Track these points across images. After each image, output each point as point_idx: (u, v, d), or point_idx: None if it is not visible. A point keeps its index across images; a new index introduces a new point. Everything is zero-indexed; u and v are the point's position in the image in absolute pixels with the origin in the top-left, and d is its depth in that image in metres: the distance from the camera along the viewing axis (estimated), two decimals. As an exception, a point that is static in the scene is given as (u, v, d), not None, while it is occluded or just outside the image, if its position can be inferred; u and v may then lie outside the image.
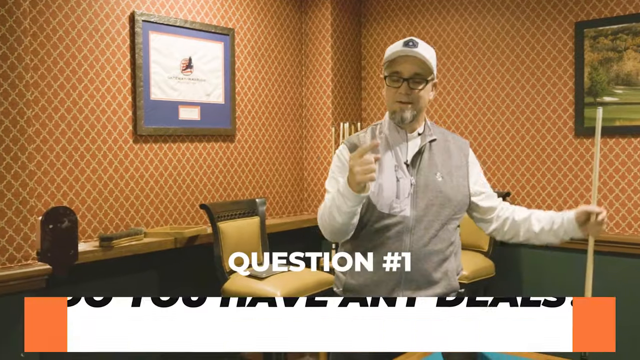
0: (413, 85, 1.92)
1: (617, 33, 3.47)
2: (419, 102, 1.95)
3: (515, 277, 3.85)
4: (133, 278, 3.38)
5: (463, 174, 2.03)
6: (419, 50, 1.91)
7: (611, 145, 3.53)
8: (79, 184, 3.21)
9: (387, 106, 2.01)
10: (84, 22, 3.21)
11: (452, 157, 2.04)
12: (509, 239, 2.06)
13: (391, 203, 1.94)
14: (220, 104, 3.83)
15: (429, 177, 1.97)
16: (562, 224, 1.95)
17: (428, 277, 1.97)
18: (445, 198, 1.97)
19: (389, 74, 1.95)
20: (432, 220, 1.95)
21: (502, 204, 2.08)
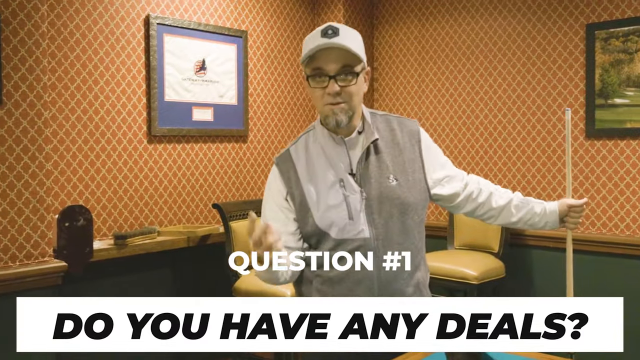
0: (342, 82, 1.63)
1: (628, 35, 3.47)
2: (352, 100, 1.66)
3: (525, 278, 3.86)
4: (146, 276, 3.45)
5: (418, 167, 1.77)
6: (341, 40, 1.61)
7: (622, 147, 3.53)
8: (95, 183, 3.28)
9: (318, 110, 1.72)
10: (100, 25, 3.28)
11: (403, 150, 1.77)
12: (483, 220, 1.91)
13: (344, 227, 1.67)
14: (233, 105, 3.89)
15: (382, 183, 1.71)
16: (544, 216, 1.86)
17: (401, 295, 1.74)
18: (405, 204, 1.71)
19: (311, 73, 1.65)
20: (394, 233, 1.70)
21: (470, 185, 1.86)
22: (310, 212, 1.70)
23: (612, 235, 3.55)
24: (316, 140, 1.76)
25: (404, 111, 4.42)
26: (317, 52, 1.62)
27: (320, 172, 1.72)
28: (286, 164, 1.76)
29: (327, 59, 1.63)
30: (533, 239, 3.81)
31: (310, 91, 1.71)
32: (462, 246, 3.93)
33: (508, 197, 1.88)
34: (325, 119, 1.70)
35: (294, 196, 1.73)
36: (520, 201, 1.89)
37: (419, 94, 4.35)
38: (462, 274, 3.47)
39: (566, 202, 1.87)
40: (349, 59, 1.64)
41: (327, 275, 1.71)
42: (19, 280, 2.63)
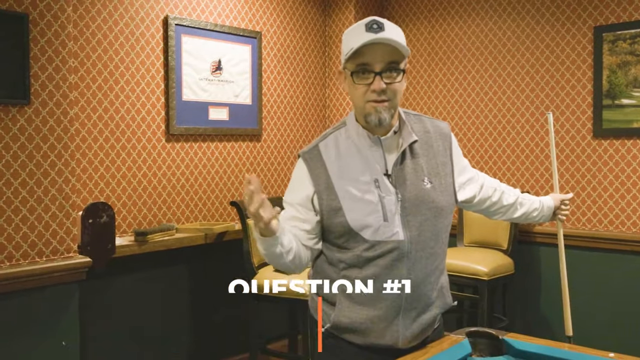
0: (388, 79, 1.59)
1: (636, 37, 3.55)
2: (395, 97, 1.62)
3: (534, 275, 3.94)
4: (166, 271, 3.52)
5: (449, 170, 1.77)
6: (388, 35, 1.56)
7: (629, 146, 3.61)
8: (115, 180, 3.35)
9: (357, 107, 1.66)
10: (121, 26, 3.35)
11: (437, 153, 1.76)
12: (488, 215, 2.00)
13: (379, 228, 1.64)
14: (247, 105, 3.96)
15: (417, 186, 1.68)
16: (542, 210, 2.01)
17: (427, 300, 1.75)
18: (438, 208, 1.71)
19: (355, 69, 1.59)
20: (428, 237, 1.69)
21: (485, 185, 1.92)
22: (342, 211, 1.65)
23: (618, 232, 3.63)
24: (349, 137, 1.71)
25: (416, 108, 4.49)
26: (363, 47, 1.56)
27: (354, 172, 1.67)
28: (315, 161, 1.71)
29: (374, 54, 1.57)
30: (541, 236, 3.89)
31: (350, 87, 1.64)
32: (472, 243, 4.01)
33: (515, 195, 2.00)
34: (366, 117, 1.64)
35: (322, 197, 1.68)
36: (523, 198, 2.02)
37: (429, 94, 4.42)
38: (474, 270, 3.55)
39: (558, 197, 2.06)
40: (395, 55, 1.58)
41: (355, 277, 1.67)
42: (45, 275, 2.69)
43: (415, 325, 1.74)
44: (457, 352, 1.87)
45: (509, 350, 1.94)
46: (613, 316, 3.59)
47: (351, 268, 1.69)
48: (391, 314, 1.70)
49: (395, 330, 1.71)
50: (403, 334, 1.72)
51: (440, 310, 1.82)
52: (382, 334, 1.71)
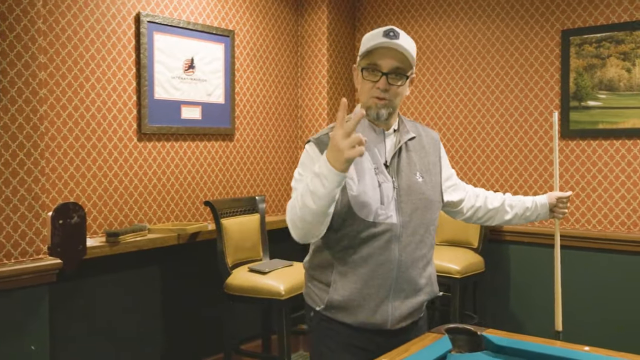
0: (392, 81, 1.78)
1: (601, 41, 3.66)
2: (395, 99, 1.82)
3: (504, 273, 4.01)
4: (138, 273, 3.46)
5: (437, 170, 1.97)
6: (400, 43, 1.76)
7: (594, 147, 3.71)
8: (85, 180, 3.28)
9: (361, 101, 1.85)
10: (92, 22, 3.28)
11: (428, 154, 1.95)
12: (481, 223, 2.14)
13: (376, 210, 1.80)
14: (220, 104, 3.93)
15: (411, 178, 1.88)
16: (536, 209, 2.11)
17: (415, 284, 1.90)
18: (428, 200, 1.89)
19: (366, 66, 1.79)
20: (417, 225, 1.87)
21: (470, 192, 2.08)
22: (345, 190, 1.78)
23: (584, 230, 3.73)
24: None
25: (384, 111, 4.52)
26: (377, 49, 1.76)
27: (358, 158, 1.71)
28: (324, 146, 1.77)
29: (384, 57, 1.76)
30: (510, 234, 3.97)
31: (360, 82, 1.83)
32: (443, 242, 4.05)
33: (501, 197, 2.12)
34: (367, 110, 1.82)
35: None
36: (512, 199, 2.12)
37: (400, 94, 4.46)
38: (447, 269, 3.60)
39: (554, 195, 2.13)
40: (403, 62, 1.78)
41: (350, 257, 1.83)
42: (14, 277, 2.62)
43: (404, 307, 1.88)
44: (438, 348, 1.90)
45: (488, 346, 1.98)
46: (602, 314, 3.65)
47: (346, 249, 1.83)
48: (382, 293, 1.85)
49: (385, 309, 1.86)
50: (392, 314, 1.87)
51: (427, 297, 1.97)
52: (373, 313, 1.85)
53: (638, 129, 3.55)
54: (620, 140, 3.63)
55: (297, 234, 1.74)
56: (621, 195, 3.64)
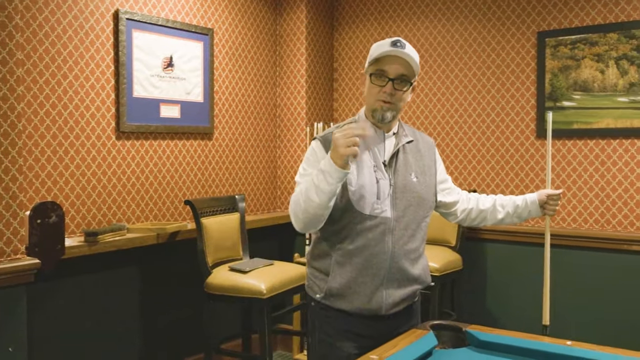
0: (398, 86, 1.95)
1: (576, 43, 3.74)
2: (399, 103, 1.99)
3: (481, 271, 4.07)
4: (118, 272, 3.42)
5: (432, 173, 2.12)
6: (407, 52, 1.94)
7: (569, 146, 3.79)
8: (63, 179, 3.23)
9: (368, 103, 2.02)
10: (70, 18, 3.23)
11: (423, 157, 2.11)
12: (476, 225, 2.26)
13: (372, 204, 1.96)
14: (199, 103, 3.91)
15: (406, 177, 2.03)
16: (527, 207, 2.19)
17: (408, 274, 2.04)
18: (421, 199, 2.04)
19: (374, 72, 1.96)
20: (410, 220, 2.02)
21: (463, 196, 2.22)
22: (346, 184, 1.94)
23: (559, 228, 3.81)
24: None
25: (363, 111, 4.55)
26: (385, 57, 1.94)
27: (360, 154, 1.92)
28: (329, 143, 1.90)
29: (392, 64, 1.94)
30: (487, 232, 4.03)
31: (368, 87, 2.01)
32: (421, 241, 4.09)
33: (492, 198, 2.24)
34: (373, 112, 2.00)
35: None
36: (503, 199, 2.23)
37: (378, 94, 4.49)
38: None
39: (544, 192, 2.20)
40: (408, 70, 1.96)
41: (347, 248, 1.99)
42: (-8, 277, 2.58)
43: (397, 294, 2.03)
44: (424, 344, 1.94)
45: (472, 342, 2.01)
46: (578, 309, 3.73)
47: (344, 241, 1.99)
48: (376, 281, 2.00)
49: (380, 296, 2.01)
50: (386, 301, 2.02)
51: (420, 286, 2.11)
52: (369, 300, 2.00)
53: (611, 129, 3.64)
54: (594, 140, 3.72)
55: (299, 225, 1.94)
56: (595, 193, 3.73)
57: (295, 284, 3.40)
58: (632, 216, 3.62)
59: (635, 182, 3.60)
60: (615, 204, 3.67)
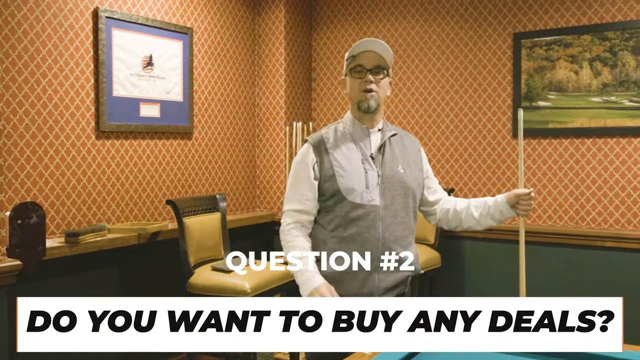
0: (375, 75, 2.13)
1: (551, 44, 3.83)
2: (381, 91, 2.15)
3: (459, 268, 4.14)
4: (99, 273, 3.38)
5: (419, 166, 2.25)
6: (379, 45, 2.13)
7: (545, 145, 3.88)
8: (43, 179, 3.18)
9: (352, 98, 2.18)
10: (48, 16, 3.18)
11: (409, 151, 2.24)
12: (454, 227, 2.31)
13: (362, 193, 2.10)
14: (179, 102, 3.89)
15: (393, 168, 2.16)
16: (497, 207, 2.22)
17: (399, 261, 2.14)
18: (408, 187, 2.16)
19: (353, 67, 2.15)
20: (398, 208, 2.13)
21: (445, 197, 2.33)
22: (335, 177, 2.11)
23: (535, 225, 3.90)
24: (345, 128, 2.22)
25: (342, 111, 4.58)
26: (359, 54, 2.13)
27: (347, 149, 2.16)
28: (318, 142, 2.18)
29: (367, 59, 2.13)
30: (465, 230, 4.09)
31: (349, 83, 2.17)
32: (401, 239, 4.14)
33: (467, 201, 2.31)
34: (359, 104, 2.15)
35: (322, 164, 2.14)
36: (477, 201, 2.30)
37: (357, 94, 4.53)
38: (406, 264, 3.67)
39: (514, 193, 2.23)
40: (382, 61, 2.14)
41: (341, 235, 2.11)
42: (-28, 280, 2.53)
43: (389, 279, 2.12)
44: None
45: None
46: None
47: (337, 228, 2.12)
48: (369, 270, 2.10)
49: (372, 281, 2.10)
50: (378, 285, 2.11)
51: (410, 273, 2.19)
52: (361, 285, 2.10)
53: (585, 129, 3.74)
54: (568, 139, 3.82)
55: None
56: (569, 191, 3.83)
57: (279, 283, 3.41)
58: (605, 213, 3.72)
59: (608, 180, 3.71)
60: (589, 202, 3.77)
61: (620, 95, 3.65)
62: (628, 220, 3.66)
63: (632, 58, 3.61)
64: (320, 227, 2.17)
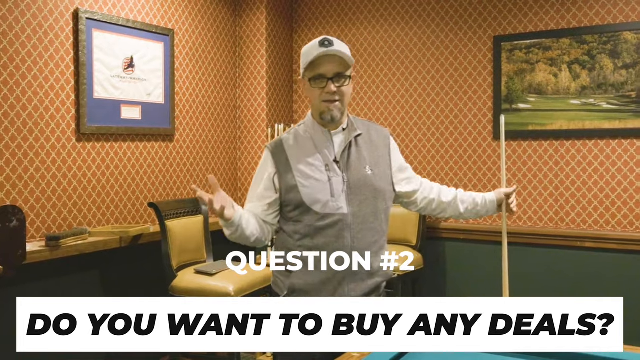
0: (337, 83, 1.98)
1: (530, 47, 3.88)
2: (344, 98, 2.01)
3: (441, 269, 4.17)
4: (80, 277, 3.34)
5: (387, 164, 2.12)
6: (336, 48, 1.97)
7: (525, 147, 3.93)
8: (22, 182, 3.13)
9: (314, 107, 2.05)
10: (28, 17, 3.14)
11: (377, 148, 2.11)
12: (435, 215, 2.27)
13: (327, 203, 1.98)
14: (160, 104, 3.86)
15: (360, 171, 2.04)
16: (485, 205, 2.23)
17: (370, 268, 2.03)
18: (377, 191, 2.05)
19: (312, 77, 1.99)
20: (367, 214, 2.02)
21: (426, 185, 2.23)
22: (298, 188, 2.00)
23: (516, 226, 3.94)
24: (306, 131, 2.08)
25: (324, 113, 4.59)
26: (317, 59, 1.96)
27: (309, 157, 2.03)
28: (278, 149, 2.06)
29: (326, 65, 1.97)
30: (446, 232, 4.13)
31: (309, 91, 2.04)
32: (383, 240, 4.16)
33: (454, 192, 2.26)
34: (321, 115, 2.03)
35: (282, 176, 2.03)
36: (464, 195, 2.26)
37: (339, 96, 4.54)
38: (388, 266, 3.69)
39: (502, 191, 2.25)
40: (343, 65, 1.99)
41: (308, 245, 2.01)
42: (-50, 285, 2.48)
43: (359, 289, 2.03)
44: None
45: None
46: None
47: (304, 238, 2.02)
48: (339, 277, 2.01)
49: (342, 291, 2.02)
50: (349, 295, 2.03)
51: (382, 278, 2.09)
52: (332, 295, 2.02)
53: (564, 131, 3.80)
54: (548, 141, 3.87)
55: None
56: (549, 192, 3.88)
57: (262, 285, 3.40)
58: (584, 214, 3.78)
59: (586, 182, 3.77)
60: (568, 203, 3.83)
61: (598, 98, 3.71)
62: (606, 220, 3.72)
63: (609, 61, 3.67)
64: (287, 236, 2.06)
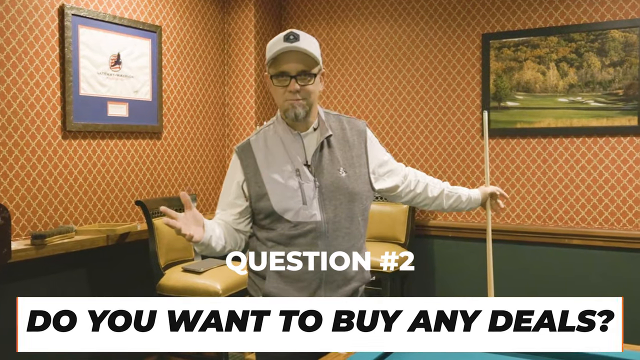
0: (301, 82, 1.85)
1: (518, 45, 3.89)
2: (309, 97, 1.88)
3: (430, 266, 4.17)
4: (67, 276, 3.31)
5: (363, 162, 1.99)
6: (301, 45, 1.83)
7: (513, 145, 3.94)
8: (7, 180, 3.10)
9: (278, 105, 1.93)
10: (12, 13, 3.10)
11: (352, 147, 1.98)
12: (419, 207, 2.25)
13: (299, 210, 1.88)
14: (147, 101, 3.83)
15: (333, 175, 1.92)
16: (469, 203, 2.22)
17: (345, 274, 1.94)
18: (352, 193, 1.93)
19: (274, 73, 1.86)
20: (342, 219, 1.91)
21: (409, 177, 2.12)
22: (268, 196, 1.89)
23: (504, 224, 3.95)
24: (276, 133, 1.96)
25: (312, 110, 4.58)
26: (280, 55, 1.83)
27: (279, 162, 1.92)
28: (246, 153, 1.96)
29: (289, 61, 1.84)
30: (435, 229, 4.14)
31: (272, 89, 1.91)
32: (371, 238, 4.15)
33: (440, 187, 2.20)
34: (285, 112, 1.90)
35: (251, 183, 1.93)
36: (450, 191, 2.22)
37: (327, 94, 4.53)
38: (377, 264, 3.68)
39: (488, 190, 2.26)
40: (308, 62, 1.85)
41: (280, 254, 1.90)
42: None
43: (336, 296, 1.93)
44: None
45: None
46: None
47: (277, 246, 1.92)
48: (314, 285, 1.91)
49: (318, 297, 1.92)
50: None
51: (359, 283, 2.00)
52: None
53: (552, 128, 3.81)
54: (536, 139, 3.88)
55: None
56: (537, 190, 3.89)
57: (251, 284, 3.38)
58: (572, 211, 3.80)
59: (574, 179, 3.78)
60: (556, 200, 3.84)
61: (585, 96, 3.72)
62: (594, 218, 3.74)
63: (597, 59, 3.68)
64: (260, 243, 1.97)
